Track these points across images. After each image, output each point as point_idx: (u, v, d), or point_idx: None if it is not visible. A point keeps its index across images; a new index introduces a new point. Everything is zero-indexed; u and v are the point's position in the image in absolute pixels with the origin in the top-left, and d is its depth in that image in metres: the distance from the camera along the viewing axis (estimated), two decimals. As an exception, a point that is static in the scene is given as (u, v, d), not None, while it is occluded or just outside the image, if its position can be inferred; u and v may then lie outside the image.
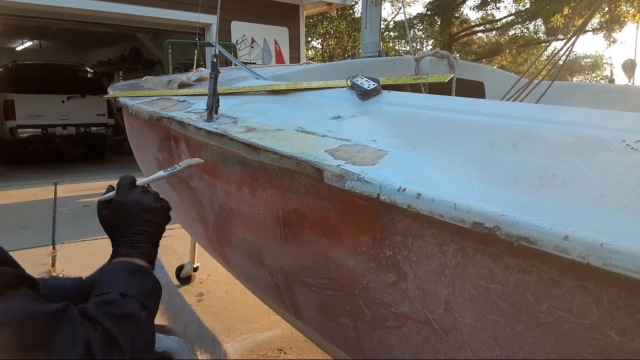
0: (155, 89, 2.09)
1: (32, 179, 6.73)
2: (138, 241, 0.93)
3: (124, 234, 0.93)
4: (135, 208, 0.95)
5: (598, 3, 1.63)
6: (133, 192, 0.98)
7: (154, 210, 0.97)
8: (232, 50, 6.79)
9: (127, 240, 0.93)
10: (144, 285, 0.87)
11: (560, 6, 14.53)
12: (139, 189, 1.00)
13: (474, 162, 0.77)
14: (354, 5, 17.59)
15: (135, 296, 0.82)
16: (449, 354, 0.80)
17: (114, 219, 0.96)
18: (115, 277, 0.86)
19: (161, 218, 0.98)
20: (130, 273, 0.87)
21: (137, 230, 0.94)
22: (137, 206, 0.96)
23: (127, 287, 0.83)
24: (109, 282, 0.85)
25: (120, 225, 0.94)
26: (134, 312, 0.80)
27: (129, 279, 0.86)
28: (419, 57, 2.11)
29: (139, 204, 0.96)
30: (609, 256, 0.52)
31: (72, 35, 11.44)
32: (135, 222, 0.94)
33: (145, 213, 0.95)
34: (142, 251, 0.92)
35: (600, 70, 23.00)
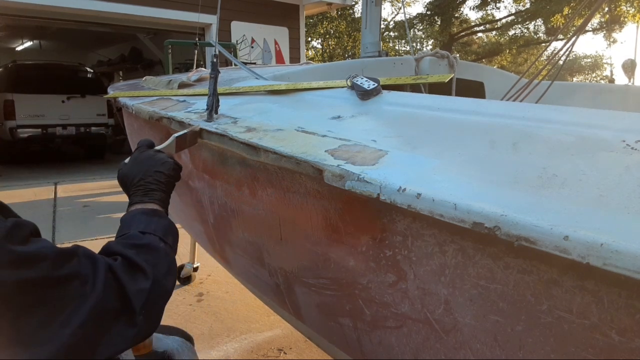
0: (155, 89, 2.09)
1: (32, 179, 6.73)
2: (151, 190, 1.00)
3: (138, 185, 1.01)
4: (149, 161, 1.05)
5: (598, 3, 1.63)
6: (148, 150, 1.10)
7: (165, 164, 1.06)
8: (232, 50, 6.79)
9: (141, 190, 1.00)
10: (161, 224, 0.93)
11: (560, 6, 14.52)
12: (154, 149, 1.11)
13: (474, 162, 0.77)
14: (354, 5, 17.59)
15: (154, 232, 0.89)
16: (449, 354, 0.80)
17: (130, 172, 1.04)
18: (132, 220, 0.92)
19: (173, 172, 1.06)
20: (146, 214, 0.94)
21: (150, 180, 1.01)
22: (150, 160, 1.06)
23: (145, 226, 0.90)
24: (127, 224, 0.91)
25: (135, 176, 1.02)
26: (152, 242, 0.86)
27: (146, 219, 0.92)
28: (419, 57, 2.11)
29: (152, 158, 1.06)
30: (609, 256, 0.52)
31: (72, 35, 11.44)
32: (148, 173, 1.02)
33: (157, 166, 1.04)
34: (156, 197, 0.99)
35: (600, 70, 22.99)
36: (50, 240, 0.76)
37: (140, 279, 0.79)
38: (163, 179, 1.04)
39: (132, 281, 0.77)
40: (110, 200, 5.45)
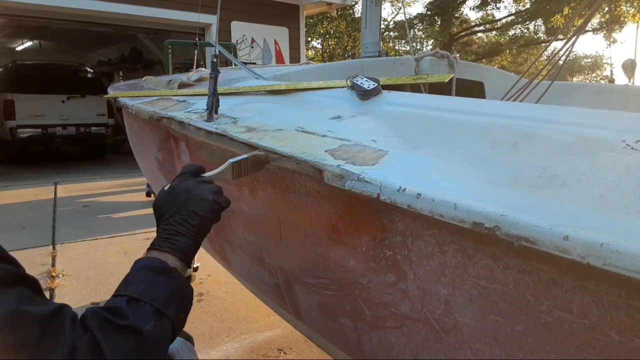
0: (155, 89, 2.09)
1: (32, 179, 6.73)
2: (175, 233, 0.86)
3: (166, 222, 0.88)
4: (185, 195, 0.89)
5: (598, 3, 1.63)
6: (189, 180, 0.93)
7: (203, 202, 0.89)
8: (232, 50, 6.78)
9: (166, 230, 0.86)
10: (167, 288, 0.79)
11: (560, 6, 14.53)
12: (198, 179, 0.94)
13: (474, 162, 0.77)
14: (354, 5, 17.60)
15: (150, 302, 0.75)
16: (449, 354, 0.80)
17: (164, 205, 0.90)
18: (136, 276, 0.80)
19: (209, 213, 0.90)
20: (154, 272, 0.80)
21: (178, 219, 0.87)
22: (186, 193, 0.90)
23: (144, 290, 0.76)
24: (129, 281, 0.79)
25: (167, 211, 0.89)
26: (136, 324, 0.72)
27: (151, 279, 0.79)
28: (419, 57, 2.11)
29: (189, 192, 0.90)
30: (609, 256, 0.52)
31: (72, 35, 11.44)
32: (180, 210, 0.88)
33: (192, 202, 0.88)
34: (177, 246, 0.85)
35: (600, 70, 23.00)
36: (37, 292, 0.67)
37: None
38: (195, 221, 0.87)
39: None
40: (110, 200, 5.45)
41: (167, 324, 0.77)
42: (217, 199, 0.92)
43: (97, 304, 2.60)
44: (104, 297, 2.67)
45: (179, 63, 7.74)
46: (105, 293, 2.73)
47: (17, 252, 3.38)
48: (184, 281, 0.83)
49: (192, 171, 0.96)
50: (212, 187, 0.94)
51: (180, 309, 0.81)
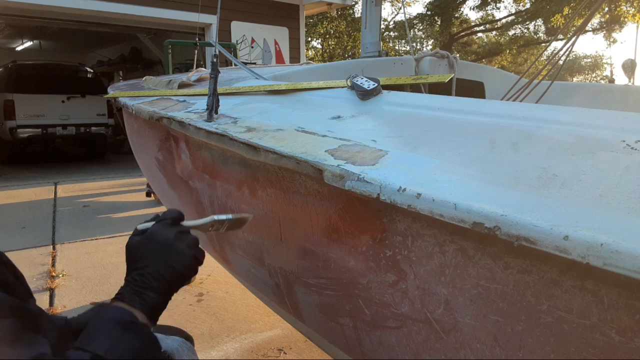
0: (155, 89, 2.09)
1: (32, 179, 6.73)
2: (149, 287, 0.81)
3: (140, 272, 0.82)
4: (164, 246, 0.84)
5: (598, 3, 1.63)
6: (171, 229, 0.87)
7: (182, 257, 0.85)
8: (232, 50, 6.78)
9: (138, 282, 0.81)
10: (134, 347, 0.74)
11: (560, 6, 14.53)
12: (180, 228, 0.88)
13: (474, 162, 0.77)
14: (354, 5, 17.60)
15: None
16: (449, 354, 0.80)
17: (140, 250, 0.85)
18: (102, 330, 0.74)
19: (186, 269, 0.85)
20: (123, 327, 0.75)
21: (154, 273, 0.82)
22: (167, 245, 0.84)
23: (110, 346, 0.71)
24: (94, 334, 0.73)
25: (142, 259, 0.83)
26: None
27: (119, 335, 0.74)
28: (419, 57, 2.11)
29: (170, 244, 0.85)
30: (609, 256, 0.52)
31: (72, 35, 11.44)
32: (158, 262, 0.83)
33: (172, 256, 0.84)
34: (148, 302, 0.80)
35: (600, 70, 23.00)
36: None
37: None
38: (170, 277, 0.83)
39: None
40: (111, 200, 5.45)
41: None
42: (197, 254, 0.87)
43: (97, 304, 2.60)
44: (103, 297, 2.67)
45: (179, 63, 7.74)
46: (105, 293, 2.73)
47: (17, 252, 3.38)
48: (152, 340, 0.79)
49: (172, 218, 0.89)
50: (193, 241, 0.88)
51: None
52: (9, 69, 8.24)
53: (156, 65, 10.85)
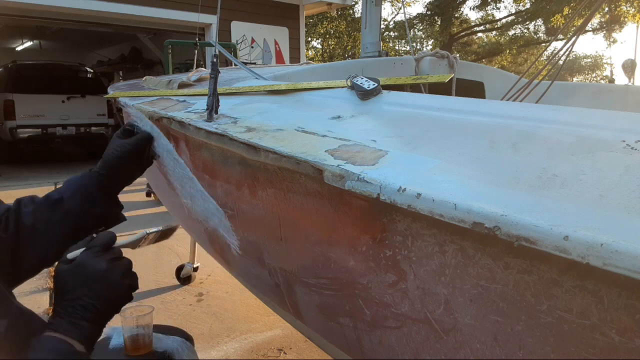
0: (155, 89, 2.09)
1: (32, 179, 6.74)
2: (83, 318, 0.79)
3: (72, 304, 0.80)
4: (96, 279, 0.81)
5: (598, 3, 1.63)
6: (102, 258, 0.84)
7: (115, 288, 0.83)
8: (232, 50, 6.79)
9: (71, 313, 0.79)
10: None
11: (560, 6, 14.54)
12: (110, 255, 0.85)
13: (474, 162, 0.77)
14: (354, 5, 17.60)
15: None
16: (449, 354, 0.80)
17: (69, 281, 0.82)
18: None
19: (120, 300, 0.84)
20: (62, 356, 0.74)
21: (86, 304, 0.79)
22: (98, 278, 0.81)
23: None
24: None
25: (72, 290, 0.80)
26: None
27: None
28: (419, 57, 2.11)
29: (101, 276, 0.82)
30: (609, 256, 0.52)
31: (72, 35, 11.45)
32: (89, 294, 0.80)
33: (104, 288, 0.81)
34: (84, 333, 0.78)
35: (600, 70, 23.00)
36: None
37: None
38: (104, 308, 0.81)
39: None
40: (110, 200, 5.44)
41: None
42: (131, 282, 0.86)
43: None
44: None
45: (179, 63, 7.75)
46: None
47: (17, 252, 3.38)
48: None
49: (102, 244, 0.86)
50: (125, 267, 0.86)
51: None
52: (9, 69, 8.25)
53: (156, 65, 10.85)
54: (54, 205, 1.01)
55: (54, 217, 0.99)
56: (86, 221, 1.01)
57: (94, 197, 1.03)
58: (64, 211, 1.00)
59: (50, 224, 0.99)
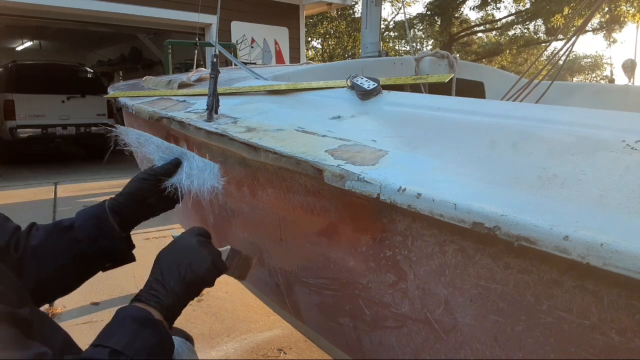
0: (155, 89, 2.09)
1: (32, 179, 6.73)
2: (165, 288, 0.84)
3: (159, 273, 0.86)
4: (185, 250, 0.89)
5: (598, 3, 1.63)
6: (194, 237, 0.92)
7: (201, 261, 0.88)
8: (232, 51, 6.79)
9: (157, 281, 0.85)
10: (150, 342, 0.77)
11: (560, 6, 14.54)
12: (202, 238, 0.93)
13: (474, 162, 0.77)
14: (354, 5, 17.60)
15: (132, 356, 0.73)
16: (449, 354, 0.80)
17: (163, 256, 0.89)
18: (120, 326, 0.77)
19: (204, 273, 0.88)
20: (139, 323, 0.78)
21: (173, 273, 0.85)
22: (187, 249, 0.89)
23: (127, 342, 0.74)
24: (112, 330, 0.77)
25: (163, 262, 0.87)
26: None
27: (135, 331, 0.76)
28: (419, 57, 2.11)
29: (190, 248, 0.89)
30: (609, 256, 0.52)
31: (72, 35, 11.45)
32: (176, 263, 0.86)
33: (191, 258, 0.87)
34: (164, 302, 0.83)
35: (600, 70, 23.00)
36: None
37: None
38: (188, 278, 0.86)
39: None
40: (110, 200, 5.44)
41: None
42: (216, 262, 0.92)
43: (97, 304, 2.61)
44: (104, 297, 2.68)
45: (179, 63, 7.75)
46: (106, 293, 2.73)
47: (17, 252, 3.38)
48: (167, 336, 0.81)
49: (198, 230, 0.95)
50: (214, 251, 0.94)
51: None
52: (9, 69, 8.24)
53: (156, 65, 10.85)
54: (63, 232, 0.99)
55: (60, 243, 0.97)
56: (92, 252, 0.97)
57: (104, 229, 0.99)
58: (71, 238, 0.98)
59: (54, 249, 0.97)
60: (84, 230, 0.98)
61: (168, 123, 1.46)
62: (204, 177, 1.07)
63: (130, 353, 0.73)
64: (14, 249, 0.94)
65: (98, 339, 0.76)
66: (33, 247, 0.95)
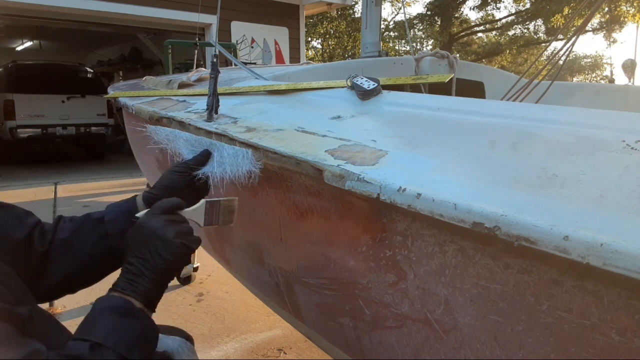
0: (155, 89, 2.09)
1: (32, 179, 6.73)
2: (139, 275, 0.82)
3: (129, 262, 0.84)
4: (149, 236, 0.85)
5: (598, 3, 1.63)
6: (159, 217, 0.87)
7: (167, 245, 0.84)
8: (232, 51, 6.78)
9: (129, 271, 0.83)
10: (131, 332, 0.75)
11: (560, 6, 14.53)
12: (167, 217, 0.88)
13: (474, 162, 0.77)
14: (354, 5, 17.59)
15: (113, 347, 0.71)
16: (449, 354, 0.80)
17: (130, 240, 0.87)
18: (99, 319, 0.75)
19: (175, 257, 0.85)
20: (118, 314, 0.76)
21: (142, 261, 0.83)
22: (151, 234, 0.85)
23: (106, 334, 0.73)
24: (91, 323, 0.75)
25: (132, 248, 0.85)
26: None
27: (115, 322, 0.75)
28: (419, 57, 2.11)
29: (154, 232, 0.85)
30: (609, 256, 0.52)
31: (72, 35, 11.44)
32: (145, 251, 0.84)
33: (157, 244, 0.84)
34: (140, 289, 0.81)
35: (600, 70, 23.00)
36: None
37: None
38: (160, 264, 0.83)
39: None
40: (111, 200, 5.43)
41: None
42: (186, 241, 0.87)
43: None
44: (104, 297, 2.67)
45: (179, 63, 7.74)
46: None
47: (17, 252, 3.37)
48: (149, 322, 0.80)
49: (161, 207, 0.89)
50: (181, 228, 0.88)
51: (146, 351, 0.77)
52: (9, 69, 8.24)
53: (156, 65, 10.84)
54: (93, 225, 1.00)
55: (90, 237, 0.98)
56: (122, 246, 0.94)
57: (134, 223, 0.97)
58: (101, 232, 0.98)
59: (85, 243, 0.97)
60: (115, 224, 0.98)
61: (168, 123, 1.46)
62: (237, 163, 1.06)
63: (110, 344, 0.72)
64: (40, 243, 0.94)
65: (78, 332, 0.74)
66: (62, 239, 0.96)
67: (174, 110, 1.49)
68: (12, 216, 0.94)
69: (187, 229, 0.90)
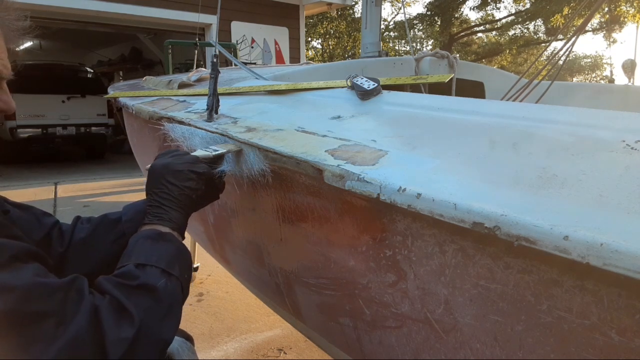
0: (156, 89, 2.09)
1: (32, 179, 6.73)
2: (160, 205, 0.90)
3: (151, 199, 0.91)
4: (160, 171, 0.93)
5: (598, 3, 1.63)
6: (165, 155, 0.98)
7: (179, 174, 0.92)
8: (232, 51, 6.79)
9: (152, 206, 0.90)
10: (167, 252, 0.83)
11: (560, 6, 14.53)
12: (174, 152, 1.00)
13: (474, 162, 0.77)
14: (354, 5, 17.60)
15: (155, 264, 0.79)
16: (449, 354, 0.80)
17: (148, 180, 0.95)
18: (135, 246, 0.83)
19: (187, 182, 0.92)
20: (152, 239, 0.84)
21: (160, 193, 0.91)
22: (162, 169, 0.93)
23: (145, 256, 0.80)
24: (129, 253, 0.82)
25: (150, 186, 0.93)
26: (148, 281, 0.76)
27: (150, 246, 0.82)
28: (419, 57, 2.11)
29: (164, 168, 0.93)
30: (609, 256, 0.52)
31: (72, 35, 11.44)
32: (159, 184, 0.91)
33: (167, 177, 0.92)
34: (165, 217, 0.89)
35: (600, 70, 23.01)
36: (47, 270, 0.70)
37: (125, 326, 0.69)
38: (176, 193, 0.91)
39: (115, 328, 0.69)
40: (111, 200, 5.45)
41: (176, 282, 0.80)
42: (193, 169, 0.95)
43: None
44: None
45: (179, 63, 7.75)
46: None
47: (17, 252, 3.37)
48: (181, 243, 0.87)
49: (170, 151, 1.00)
50: (188, 158, 0.97)
51: (184, 269, 0.84)
52: (8, 69, 8.23)
53: (156, 65, 10.85)
54: (111, 225, 1.03)
55: (109, 237, 1.01)
56: None
57: None
58: (119, 232, 1.01)
59: (103, 242, 1.00)
60: (132, 224, 1.01)
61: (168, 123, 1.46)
62: (250, 162, 1.09)
63: (152, 262, 0.79)
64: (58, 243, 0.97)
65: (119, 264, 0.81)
66: (80, 239, 0.99)
67: (174, 110, 1.49)
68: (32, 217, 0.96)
69: (191, 158, 0.98)
